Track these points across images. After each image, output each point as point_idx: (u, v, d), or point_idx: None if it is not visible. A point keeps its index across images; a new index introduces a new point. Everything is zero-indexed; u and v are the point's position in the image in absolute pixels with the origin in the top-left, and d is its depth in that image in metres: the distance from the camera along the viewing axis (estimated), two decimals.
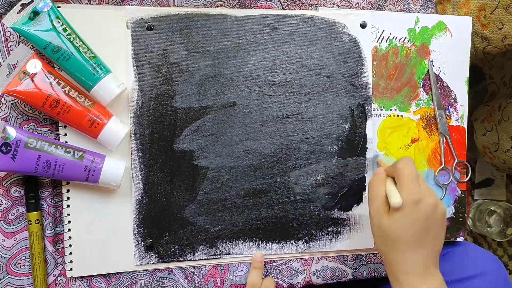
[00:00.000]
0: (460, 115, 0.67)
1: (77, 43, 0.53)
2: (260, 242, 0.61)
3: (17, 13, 0.52)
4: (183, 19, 0.58)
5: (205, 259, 0.60)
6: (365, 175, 0.64)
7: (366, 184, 0.64)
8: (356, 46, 0.63)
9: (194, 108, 0.59)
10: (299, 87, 0.61)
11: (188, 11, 0.59)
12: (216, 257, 0.60)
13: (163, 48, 0.58)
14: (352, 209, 0.64)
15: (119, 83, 0.55)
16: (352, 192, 0.63)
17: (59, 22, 0.52)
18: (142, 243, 0.59)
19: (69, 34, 0.52)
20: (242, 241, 0.61)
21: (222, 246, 0.60)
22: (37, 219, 0.56)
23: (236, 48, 0.60)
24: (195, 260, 0.60)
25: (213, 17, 0.59)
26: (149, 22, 0.58)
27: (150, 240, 0.59)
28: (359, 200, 0.64)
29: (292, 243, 0.62)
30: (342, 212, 0.63)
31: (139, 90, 0.58)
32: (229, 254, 0.61)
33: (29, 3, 0.52)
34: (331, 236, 0.63)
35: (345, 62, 0.62)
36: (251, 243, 0.61)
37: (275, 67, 0.61)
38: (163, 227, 0.59)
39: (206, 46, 0.59)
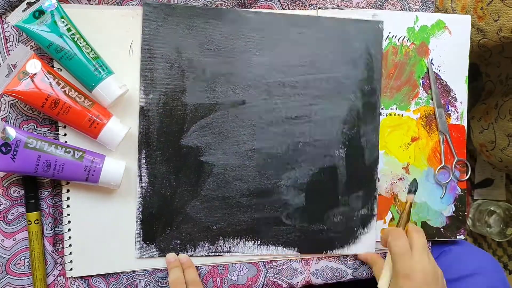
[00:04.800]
0: (459, 113, 0.68)
1: (80, 43, 0.54)
2: (261, 242, 0.62)
3: (22, 11, 0.53)
4: (199, 16, 0.60)
5: (205, 256, 0.61)
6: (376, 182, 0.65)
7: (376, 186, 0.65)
8: (367, 51, 0.64)
9: (204, 104, 0.60)
10: (309, 89, 0.62)
11: (201, 7, 0.60)
12: (217, 254, 0.61)
13: (176, 43, 0.59)
14: None
15: (121, 84, 0.56)
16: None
17: (63, 22, 0.53)
18: (144, 235, 0.59)
19: (73, 34, 0.53)
20: (244, 240, 0.61)
21: (224, 243, 0.61)
22: (37, 219, 0.56)
23: (249, 48, 0.61)
24: (195, 256, 0.61)
25: (229, 16, 0.61)
26: (164, 17, 0.59)
27: (152, 233, 0.59)
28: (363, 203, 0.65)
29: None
30: None
31: (150, 84, 0.58)
32: (230, 252, 0.61)
33: (34, 2, 0.53)
34: None
35: (355, 67, 0.64)
36: (253, 242, 0.62)
37: (286, 68, 0.62)
38: (166, 221, 0.60)
39: (220, 44, 0.60)
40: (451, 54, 0.67)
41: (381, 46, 0.65)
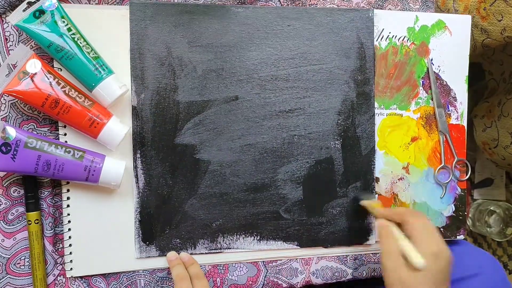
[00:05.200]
0: (459, 113, 0.68)
1: (81, 43, 0.54)
2: (260, 237, 0.62)
3: (23, 11, 0.53)
4: (186, 12, 0.60)
5: (206, 253, 0.61)
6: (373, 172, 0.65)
7: (375, 184, 0.65)
8: (358, 41, 0.64)
9: (196, 102, 0.60)
10: (302, 81, 0.62)
11: (188, 4, 0.60)
12: (217, 251, 0.61)
13: (166, 41, 0.59)
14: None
15: (121, 84, 0.56)
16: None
17: (64, 22, 0.53)
18: (143, 236, 0.59)
19: (73, 34, 0.53)
20: (243, 235, 0.62)
21: (223, 240, 0.61)
22: (37, 219, 0.56)
23: (238, 42, 0.61)
24: (196, 254, 0.61)
25: (216, 11, 0.60)
26: (152, 16, 0.59)
27: (151, 233, 0.59)
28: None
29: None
30: None
31: (141, 83, 0.59)
32: (230, 248, 0.62)
33: (34, 2, 0.53)
34: None
35: (347, 57, 0.64)
36: (252, 237, 0.62)
37: (277, 61, 0.62)
38: (164, 220, 0.60)
39: (209, 40, 0.60)
40: (451, 54, 0.67)
41: (372, 35, 0.64)
